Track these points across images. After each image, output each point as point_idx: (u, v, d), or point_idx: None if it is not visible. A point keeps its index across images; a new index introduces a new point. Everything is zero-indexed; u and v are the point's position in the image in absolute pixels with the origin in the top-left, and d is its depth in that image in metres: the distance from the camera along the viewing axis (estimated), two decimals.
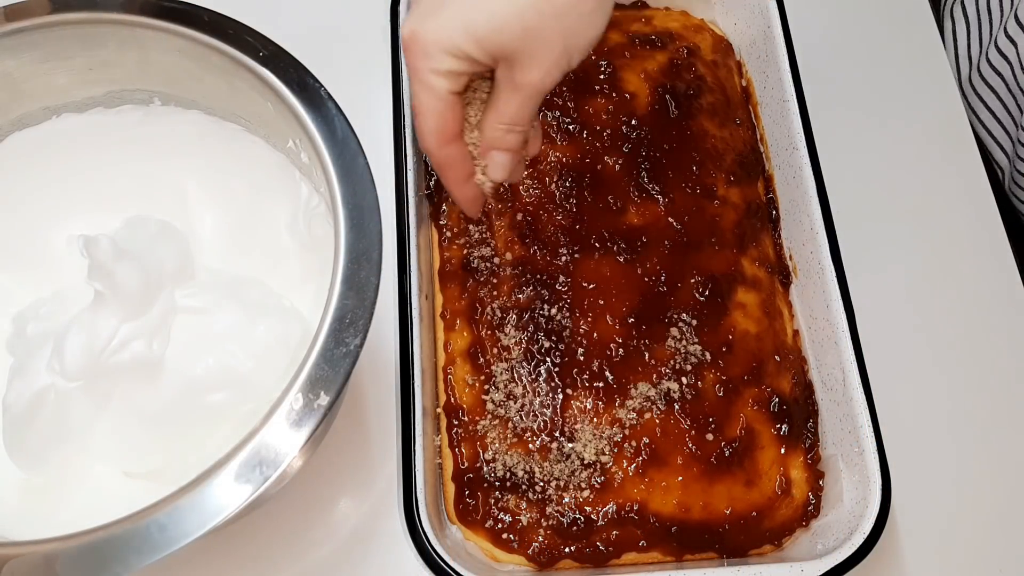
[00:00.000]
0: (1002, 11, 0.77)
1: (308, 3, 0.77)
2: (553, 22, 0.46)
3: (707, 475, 0.58)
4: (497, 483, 0.58)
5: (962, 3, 0.81)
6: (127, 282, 0.52)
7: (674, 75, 0.70)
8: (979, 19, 0.79)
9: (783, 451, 0.60)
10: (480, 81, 0.51)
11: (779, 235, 0.67)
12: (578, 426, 0.59)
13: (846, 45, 0.76)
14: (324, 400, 0.47)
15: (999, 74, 0.78)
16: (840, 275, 0.61)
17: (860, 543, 0.54)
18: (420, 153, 0.67)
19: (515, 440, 0.59)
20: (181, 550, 0.44)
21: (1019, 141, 0.77)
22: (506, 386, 0.60)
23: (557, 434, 0.59)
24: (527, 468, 0.58)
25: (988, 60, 0.77)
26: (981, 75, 0.79)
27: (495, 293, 0.62)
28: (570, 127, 0.67)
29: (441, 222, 0.65)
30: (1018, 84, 0.76)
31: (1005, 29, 0.75)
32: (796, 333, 0.64)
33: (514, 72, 0.48)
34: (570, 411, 0.59)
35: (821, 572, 0.54)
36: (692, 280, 0.63)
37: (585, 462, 0.58)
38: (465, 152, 0.52)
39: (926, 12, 0.78)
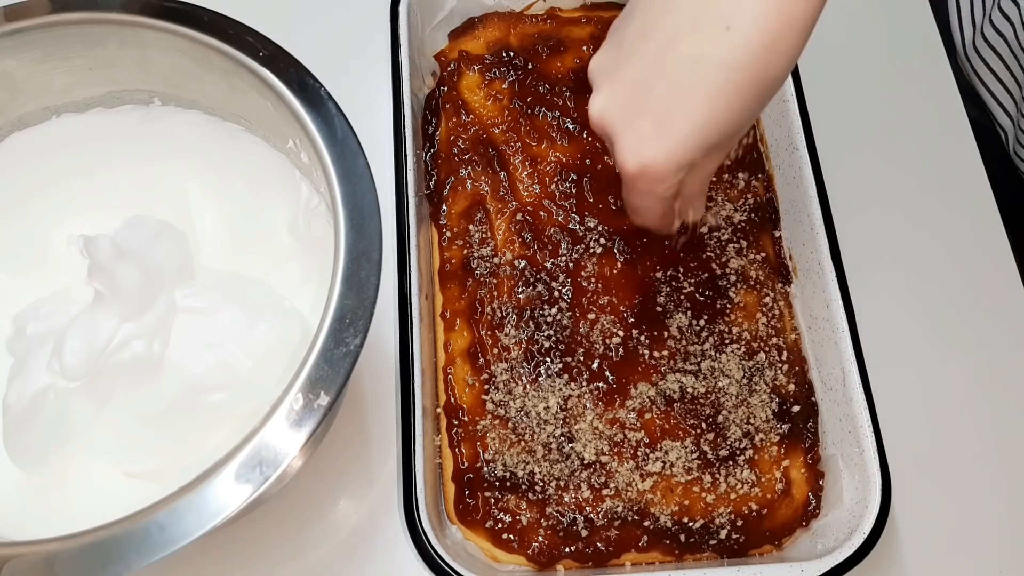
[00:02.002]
0: None
1: (309, 3, 0.77)
2: (767, 100, 0.47)
3: (707, 475, 0.58)
4: (497, 483, 0.58)
5: None
6: (127, 282, 0.52)
7: None
8: None
9: (783, 451, 0.60)
10: None
11: (779, 235, 0.67)
12: (578, 426, 0.59)
13: (846, 46, 0.76)
14: (324, 400, 0.47)
15: (1002, 35, 0.77)
16: (840, 275, 0.61)
17: (860, 543, 0.54)
18: (420, 153, 0.67)
19: (515, 440, 0.59)
20: (181, 550, 0.44)
21: None
22: (506, 386, 0.60)
23: (557, 434, 0.59)
24: (527, 468, 0.58)
25: (991, 22, 0.77)
26: (985, 38, 0.78)
27: (495, 293, 0.62)
28: (570, 127, 0.67)
29: (441, 222, 0.65)
30: (1020, 44, 0.76)
31: None
32: (796, 333, 0.64)
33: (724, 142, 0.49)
34: (570, 411, 0.59)
35: (821, 572, 0.54)
36: (692, 280, 0.63)
37: (585, 462, 0.58)
38: (674, 211, 0.54)
39: (927, 13, 0.78)
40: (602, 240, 0.64)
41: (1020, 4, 0.74)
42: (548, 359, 0.61)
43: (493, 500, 0.58)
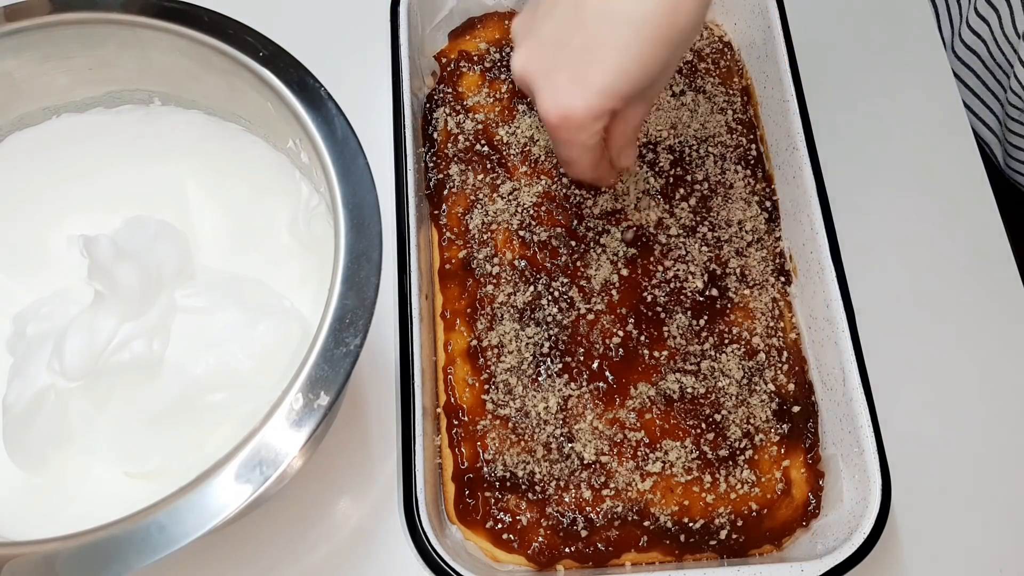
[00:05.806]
0: None
1: (308, 3, 0.77)
2: (679, 51, 0.49)
3: (707, 475, 0.58)
4: (497, 483, 0.58)
5: None
6: (127, 282, 0.52)
7: (674, 75, 0.70)
8: None
9: (783, 451, 0.60)
10: None
11: (779, 235, 0.67)
12: (578, 426, 0.59)
13: (846, 45, 0.76)
14: (324, 400, 0.47)
15: (974, 51, 0.78)
16: (840, 275, 0.61)
17: (860, 543, 0.54)
18: (420, 153, 0.67)
19: (515, 440, 0.59)
20: (181, 550, 0.44)
21: (1008, 110, 0.77)
22: (506, 386, 0.60)
23: (557, 434, 0.59)
24: (527, 468, 0.58)
25: (968, 24, 0.77)
26: (956, 54, 0.78)
27: (495, 293, 0.62)
28: None
29: (441, 222, 0.65)
30: (1002, 51, 0.76)
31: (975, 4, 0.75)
32: (796, 333, 0.64)
33: (644, 92, 0.51)
34: (570, 411, 0.59)
35: (821, 572, 0.54)
36: (692, 280, 0.63)
37: (585, 462, 0.58)
38: (609, 164, 0.56)
39: (927, 12, 0.78)
40: (602, 240, 0.64)
41: (993, 14, 0.74)
42: (548, 359, 0.61)
43: (493, 500, 0.58)
